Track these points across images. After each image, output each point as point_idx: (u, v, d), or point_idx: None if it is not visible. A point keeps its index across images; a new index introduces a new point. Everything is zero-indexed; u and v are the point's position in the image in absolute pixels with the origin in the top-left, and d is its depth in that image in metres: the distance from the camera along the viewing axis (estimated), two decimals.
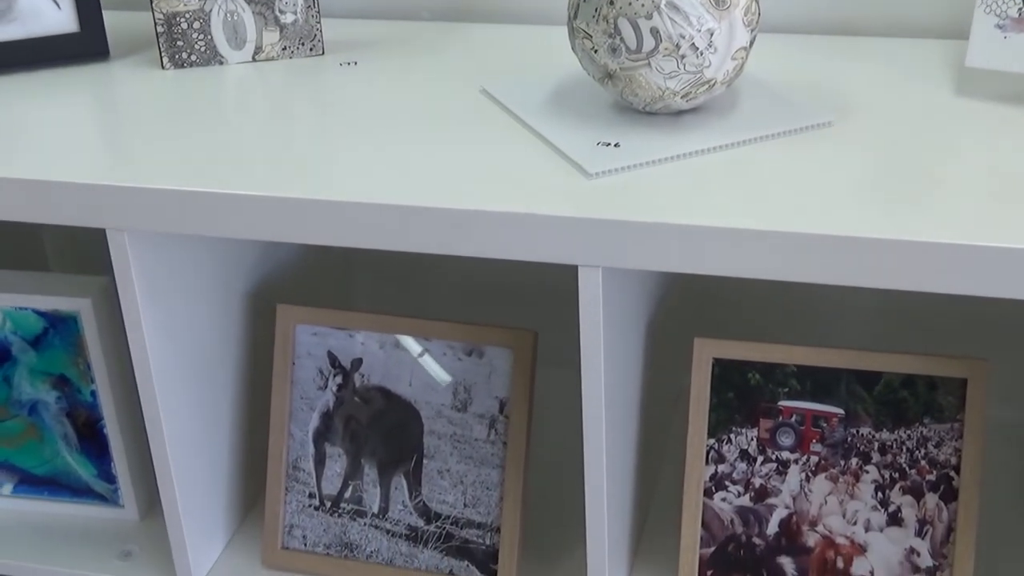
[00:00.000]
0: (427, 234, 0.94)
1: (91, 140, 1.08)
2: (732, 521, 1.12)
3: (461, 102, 1.10)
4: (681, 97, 0.99)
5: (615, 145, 0.99)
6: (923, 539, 1.08)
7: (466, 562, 1.16)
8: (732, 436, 1.11)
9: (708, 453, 1.11)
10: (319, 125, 1.09)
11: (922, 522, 1.08)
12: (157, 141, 1.06)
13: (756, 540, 1.11)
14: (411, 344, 1.16)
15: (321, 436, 1.19)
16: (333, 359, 1.18)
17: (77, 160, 1.03)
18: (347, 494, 1.19)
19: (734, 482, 1.11)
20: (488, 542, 1.15)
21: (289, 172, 0.99)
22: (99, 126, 1.12)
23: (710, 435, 1.11)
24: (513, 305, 1.45)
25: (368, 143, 1.04)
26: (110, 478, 1.29)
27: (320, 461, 1.20)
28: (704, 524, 1.12)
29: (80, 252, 1.54)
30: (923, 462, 1.08)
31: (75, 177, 0.99)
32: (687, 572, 1.12)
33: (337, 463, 1.19)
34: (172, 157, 1.03)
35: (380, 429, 1.18)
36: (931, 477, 1.08)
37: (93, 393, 1.25)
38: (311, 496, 1.20)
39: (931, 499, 1.08)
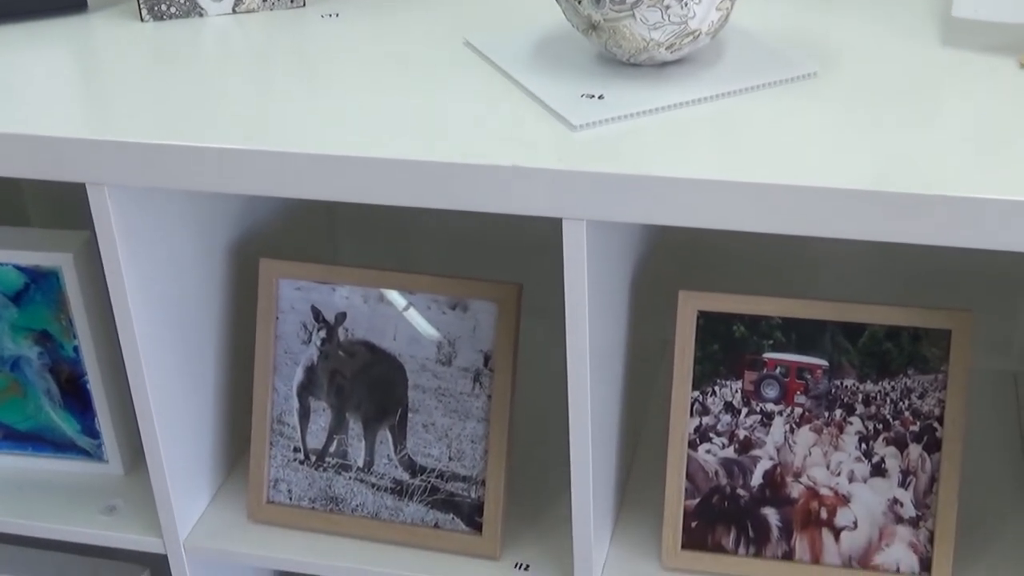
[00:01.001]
0: (410, 187, 0.93)
1: (69, 93, 1.07)
2: (716, 473, 1.12)
3: (444, 54, 1.09)
4: (665, 48, 0.99)
5: (599, 97, 0.98)
6: (906, 489, 1.09)
7: (451, 515, 1.16)
8: (717, 388, 1.11)
9: (692, 405, 1.11)
10: (300, 78, 1.08)
11: (905, 473, 1.09)
12: (136, 94, 1.05)
13: (740, 491, 1.12)
14: (395, 298, 1.16)
15: (305, 390, 1.19)
16: (317, 313, 1.17)
17: (55, 114, 1.02)
18: (332, 448, 1.19)
19: (718, 434, 1.12)
20: (473, 495, 1.16)
21: (271, 125, 0.98)
22: (77, 79, 1.10)
23: (695, 387, 1.11)
24: (498, 258, 1.45)
25: (350, 96, 1.03)
26: (94, 433, 1.29)
27: (304, 415, 1.20)
28: (688, 476, 1.12)
29: (61, 207, 1.53)
30: (907, 413, 1.08)
31: (53, 131, 0.98)
32: (671, 524, 1.13)
33: (322, 417, 1.19)
34: (152, 111, 1.02)
35: (364, 383, 1.17)
36: (915, 428, 1.08)
37: (76, 349, 1.24)
38: (296, 450, 1.20)
39: (914, 450, 1.08)
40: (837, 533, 1.10)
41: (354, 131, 0.96)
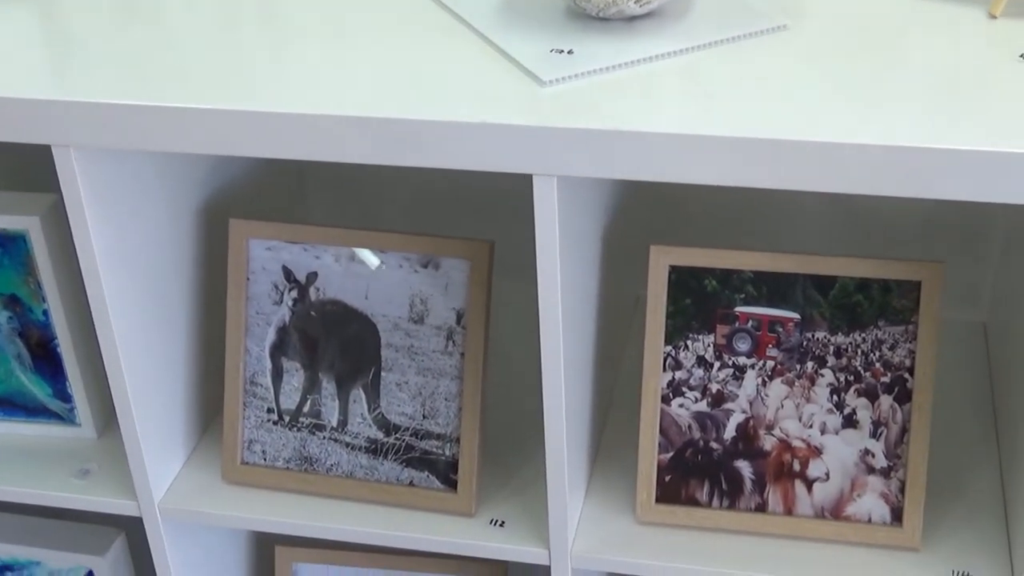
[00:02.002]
0: (379, 145, 0.93)
1: (32, 53, 1.05)
2: (689, 427, 1.13)
3: (411, 10, 1.08)
4: (634, 2, 0.98)
5: (568, 52, 0.98)
6: (878, 440, 1.10)
7: (426, 473, 1.17)
8: (689, 343, 1.11)
9: (665, 360, 1.12)
10: (266, 36, 1.07)
11: (876, 424, 1.09)
12: (101, 54, 1.04)
13: (713, 445, 1.12)
14: (367, 257, 1.15)
15: (278, 351, 1.19)
16: (288, 273, 1.17)
17: (19, 74, 1.01)
18: (305, 408, 1.19)
19: (691, 388, 1.12)
20: (448, 452, 1.16)
21: (235, 84, 0.97)
22: (39, 39, 1.09)
23: (667, 342, 1.12)
24: (469, 216, 1.44)
25: (317, 54, 1.02)
26: (65, 397, 1.28)
27: (277, 376, 1.19)
28: (662, 430, 1.13)
29: (27, 169, 1.51)
30: (878, 364, 1.09)
31: (17, 92, 0.97)
32: (645, 478, 1.13)
33: (295, 377, 1.19)
34: (118, 70, 1.01)
35: (337, 343, 1.17)
36: (885, 379, 1.09)
37: (45, 312, 1.23)
38: (269, 411, 1.20)
39: (885, 401, 1.09)
40: (809, 484, 1.11)
41: (322, 89, 0.96)
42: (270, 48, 1.03)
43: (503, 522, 1.16)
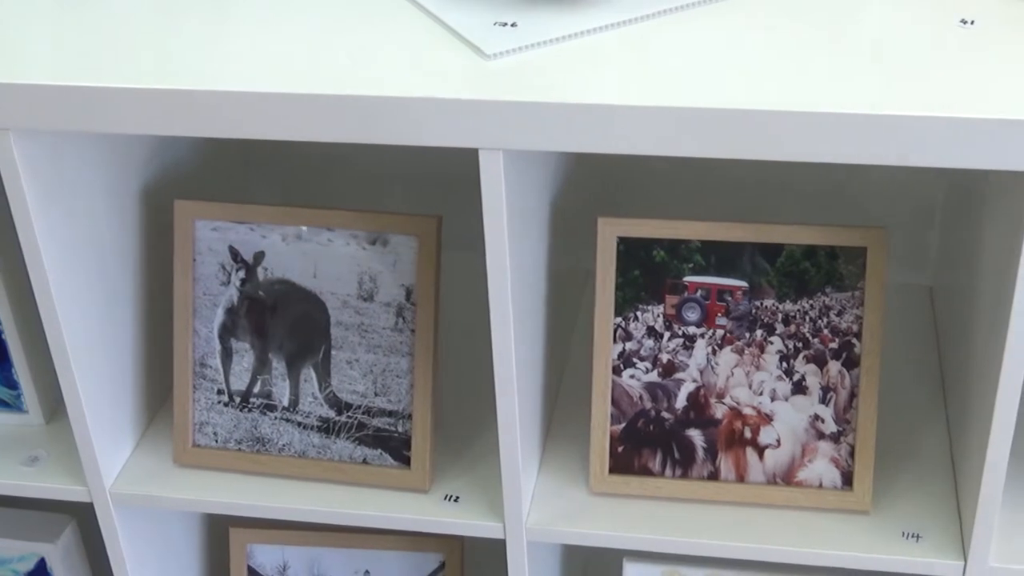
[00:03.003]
0: (323, 123, 0.92)
1: None
2: (641, 397, 1.13)
3: None
4: None
5: (512, 25, 0.97)
6: (827, 406, 1.10)
7: (379, 450, 1.16)
8: (639, 314, 1.12)
9: (615, 331, 1.12)
10: (206, 14, 1.05)
11: (826, 389, 1.10)
12: (37, 36, 1.02)
13: (665, 415, 1.13)
14: (314, 235, 1.14)
15: (227, 332, 1.18)
16: (235, 253, 1.16)
17: None
18: (256, 389, 1.18)
19: (642, 359, 1.12)
20: (400, 429, 1.16)
21: (179, 63, 0.96)
22: None
23: (617, 313, 1.12)
24: (418, 192, 1.44)
25: (258, 31, 1.01)
26: (12, 384, 1.26)
27: (227, 357, 1.18)
28: (614, 401, 1.13)
29: None
30: (825, 331, 1.10)
31: None
32: (598, 449, 1.14)
33: (244, 358, 1.18)
34: (56, 51, 0.99)
35: (286, 322, 1.16)
36: (834, 345, 1.10)
37: None
38: (220, 392, 1.19)
39: (834, 366, 1.10)
40: (761, 451, 1.12)
41: (265, 67, 0.95)
42: (210, 26, 1.02)
43: (457, 497, 1.16)
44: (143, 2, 1.07)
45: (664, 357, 1.12)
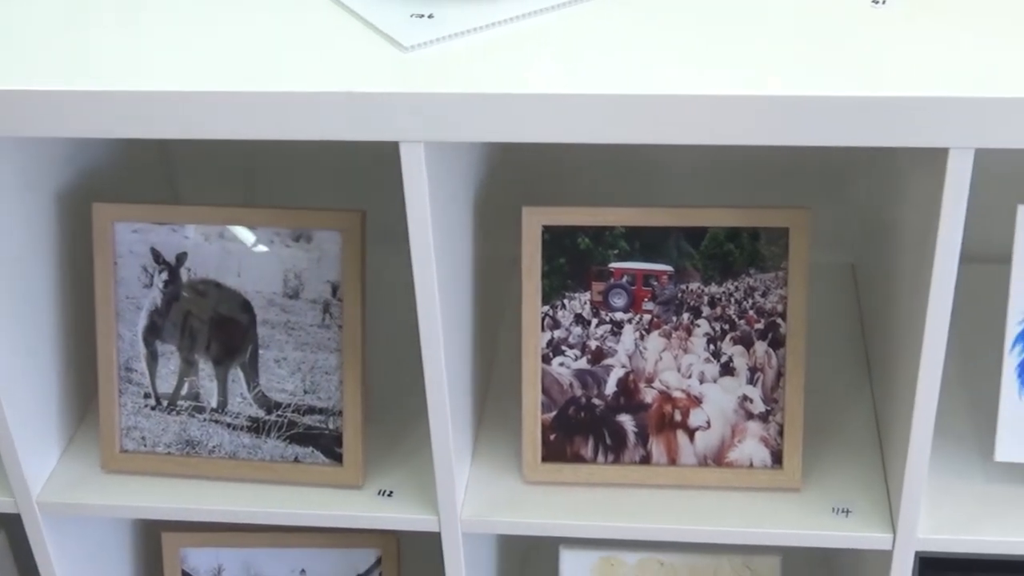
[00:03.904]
0: (242, 120, 0.91)
1: None
2: (571, 384, 1.13)
3: None
4: None
5: (429, 16, 0.97)
6: (755, 386, 1.12)
7: (311, 448, 1.16)
8: (566, 301, 1.12)
9: (543, 320, 1.12)
10: (119, 12, 1.03)
11: (753, 370, 1.11)
12: None
13: (596, 401, 1.13)
14: (237, 234, 1.13)
15: (151, 335, 1.16)
16: (157, 255, 1.14)
17: None
18: (183, 391, 1.17)
19: (571, 346, 1.13)
20: (331, 426, 1.15)
21: (92, 63, 0.95)
22: None
23: (544, 302, 1.12)
24: (342, 186, 1.43)
25: (173, 29, 0.99)
26: None
27: (152, 360, 1.17)
28: (544, 390, 1.13)
29: None
30: (751, 312, 1.11)
31: None
32: (530, 438, 1.14)
33: (170, 361, 1.17)
34: None
35: (212, 323, 1.15)
36: (759, 326, 1.11)
37: None
38: (147, 396, 1.18)
39: (760, 347, 1.11)
40: (691, 434, 1.13)
41: (178, 65, 0.93)
42: (123, 25, 1.00)
43: (391, 492, 1.16)
44: (52, 2, 1.06)
45: (592, 344, 1.12)
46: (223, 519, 1.17)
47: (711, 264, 1.10)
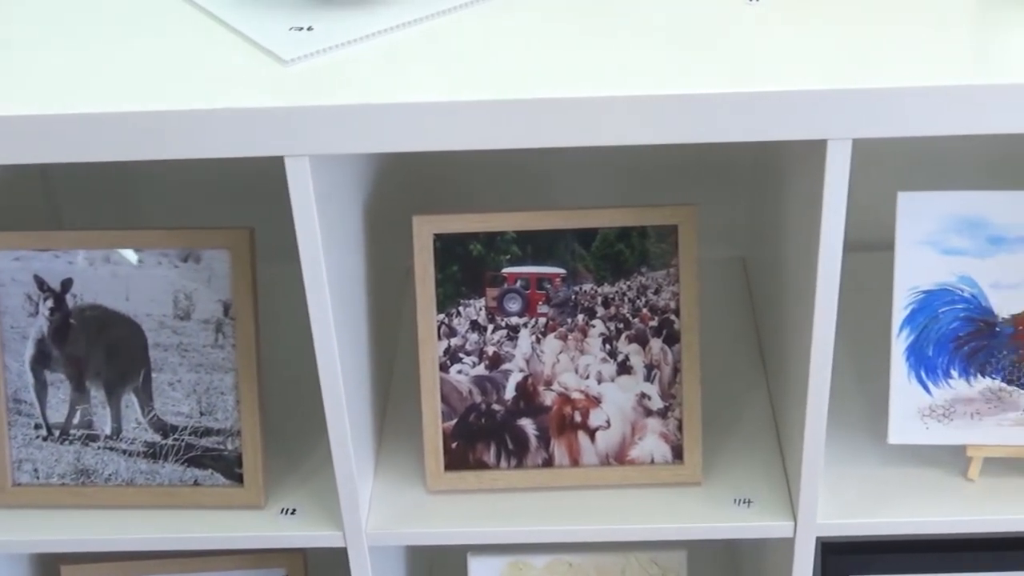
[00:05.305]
0: (121, 141, 0.89)
1: None
2: (470, 392, 1.13)
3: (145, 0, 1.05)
4: None
5: (308, 29, 0.96)
6: (652, 383, 1.12)
7: (210, 470, 1.14)
8: (461, 309, 1.12)
9: (439, 328, 1.12)
10: None
11: (650, 367, 1.12)
12: None
13: (496, 407, 1.13)
14: (123, 257, 1.11)
15: (39, 364, 1.14)
16: (41, 283, 1.12)
17: None
18: (76, 420, 1.15)
19: (468, 353, 1.13)
20: (230, 447, 1.13)
21: None
22: None
23: (439, 310, 1.12)
24: (231, 204, 1.40)
25: (46, 49, 0.97)
26: None
27: (42, 390, 1.14)
28: (443, 398, 1.13)
29: None
30: (645, 310, 1.11)
31: None
32: (432, 448, 1.13)
33: (60, 389, 1.14)
34: None
35: (102, 348, 1.13)
36: (653, 323, 1.12)
37: None
38: (37, 427, 1.15)
39: (656, 344, 1.12)
40: (592, 434, 1.13)
41: (55, 87, 0.91)
42: None
43: (294, 510, 1.15)
44: None
45: (490, 350, 1.12)
46: (124, 548, 1.15)
47: (603, 264, 1.11)
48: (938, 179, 1.10)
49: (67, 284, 1.12)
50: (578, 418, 1.13)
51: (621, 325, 1.12)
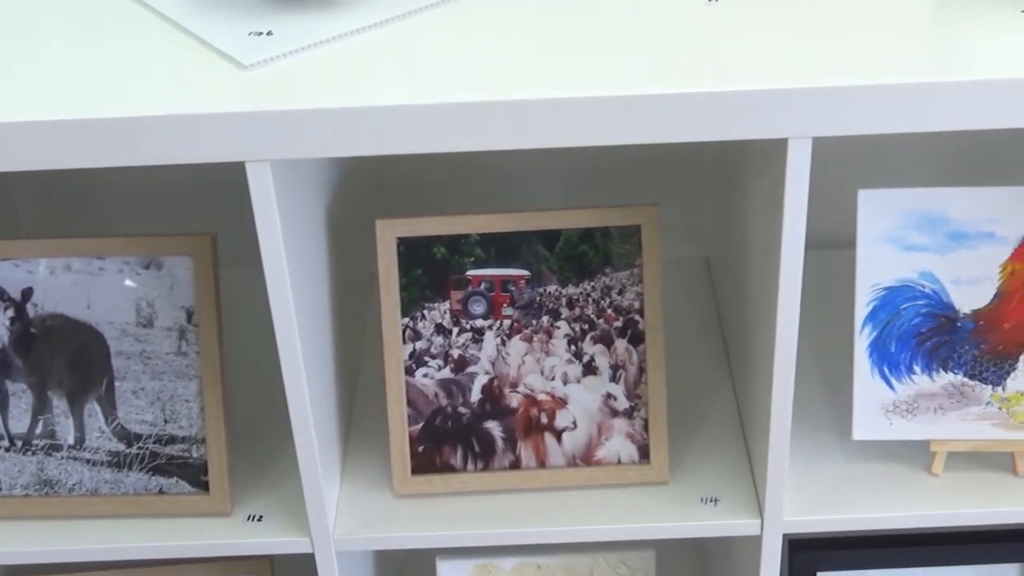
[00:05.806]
0: (84, 148, 0.89)
1: None
2: (436, 395, 1.13)
3: (101, 5, 1.04)
4: None
5: (268, 33, 0.96)
6: (618, 383, 1.13)
7: (175, 478, 1.13)
8: (425, 312, 1.12)
9: (404, 332, 1.12)
10: None
11: (615, 367, 1.12)
12: None
13: (462, 409, 1.13)
14: (84, 265, 1.10)
15: (0, 374, 1.13)
16: (1, 292, 1.11)
17: None
18: (38, 430, 1.14)
19: (433, 356, 1.12)
20: (195, 454, 1.13)
21: None
22: None
23: (404, 314, 1.12)
24: (194, 210, 1.40)
25: (5, 55, 0.96)
26: None
27: (3, 400, 1.13)
28: (409, 402, 1.13)
29: None
30: (609, 310, 1.12)
31: None
32: (398, 452, 1.13)
33: (22, 399, 1.13)
34: None
35: (63, 358, 1.12)
36: (618, 324, 1.12)
37: None
38: None
39: (620, 344, 1.12)
40: (559, 435, 1.13)
41: (7, 94, 0.91)
42: None
43: (261, 517, 1.14)
44: None
45: (455, 352, 1.12)
46: (90, 558, 1.14)
47: (567, 266, 1.11)
48: (898, 176, 1.11)
49: (28, 293, 1.11)
50: (544, 419, 1.13)
51: (586, 326, 1.12)
